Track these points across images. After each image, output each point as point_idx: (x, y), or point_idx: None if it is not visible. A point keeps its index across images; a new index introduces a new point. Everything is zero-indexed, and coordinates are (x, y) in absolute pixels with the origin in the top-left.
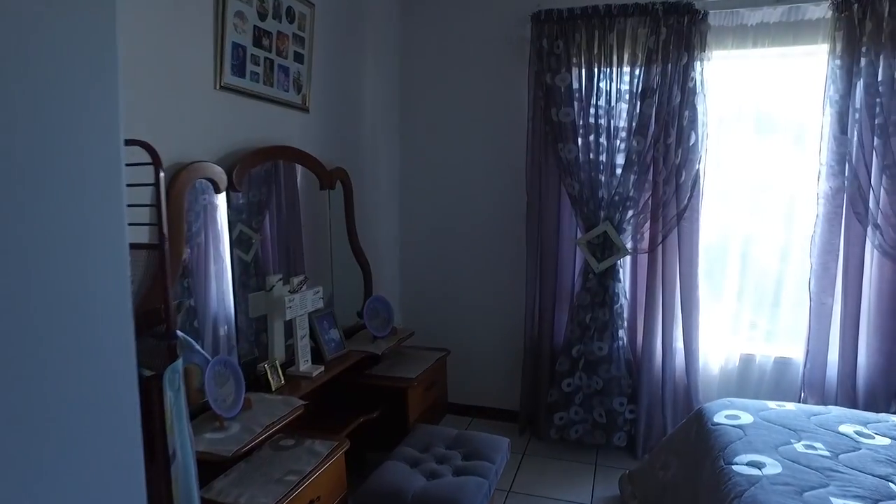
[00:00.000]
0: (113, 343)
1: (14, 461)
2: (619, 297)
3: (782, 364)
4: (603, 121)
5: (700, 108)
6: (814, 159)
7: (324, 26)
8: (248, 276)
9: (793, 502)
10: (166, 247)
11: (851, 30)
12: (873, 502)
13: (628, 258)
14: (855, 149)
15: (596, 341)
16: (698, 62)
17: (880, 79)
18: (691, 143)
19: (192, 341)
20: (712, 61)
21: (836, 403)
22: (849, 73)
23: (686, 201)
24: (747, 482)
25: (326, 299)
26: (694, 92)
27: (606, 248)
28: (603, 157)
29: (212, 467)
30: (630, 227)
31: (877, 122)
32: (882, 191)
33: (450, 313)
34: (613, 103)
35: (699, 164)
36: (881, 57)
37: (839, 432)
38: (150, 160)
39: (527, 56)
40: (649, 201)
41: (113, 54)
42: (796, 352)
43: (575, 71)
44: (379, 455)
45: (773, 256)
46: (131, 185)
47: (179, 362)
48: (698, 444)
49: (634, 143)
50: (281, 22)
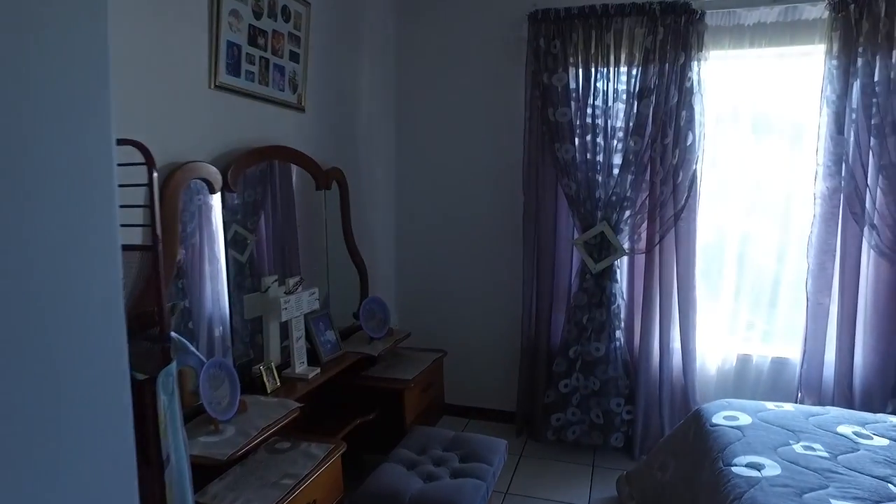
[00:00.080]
0: (105, 346)
1: (4, 467)
2: (616, 298)
3: (779, 364)
4: (600, 121)
5: (697, 109)
6: (810, 159)
7: (319, 25)
8: (243, 278)
9: None
10: (160, 248)
11: (848, 30)
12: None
13: (625, 258)
14: (851, 149)
15: (593, 342)
16: (695, 62)
17: (877, 79)
18: (688, 144)
19: (187, 343)
20: (709, 61)
21: (832, 403)
22: (845, 73)
23: (683, 201)
24: (747, 484)
25: (322, 300)
26: (691, 92)
27: (603, 249)
28: (600, 158)
29: (206, 471)
30: (627, 228)
31: (873, 122)
32: (878, 191)
33: (446, 314)
34: (610, 103)
35: (696, 164)
36: (878, 57)
37: (837, 433)
38: (143, 160)
39: (524, 56)
40: (646, 201)
41: (104, 49)
42: (793, 352)
43: (572, 71)
44: (376, 457)
45: (770, 256)
46: (124, 186)
47: (173, 366)
48: (697, 445)
49: (631, 143)
50: (276, 21)
